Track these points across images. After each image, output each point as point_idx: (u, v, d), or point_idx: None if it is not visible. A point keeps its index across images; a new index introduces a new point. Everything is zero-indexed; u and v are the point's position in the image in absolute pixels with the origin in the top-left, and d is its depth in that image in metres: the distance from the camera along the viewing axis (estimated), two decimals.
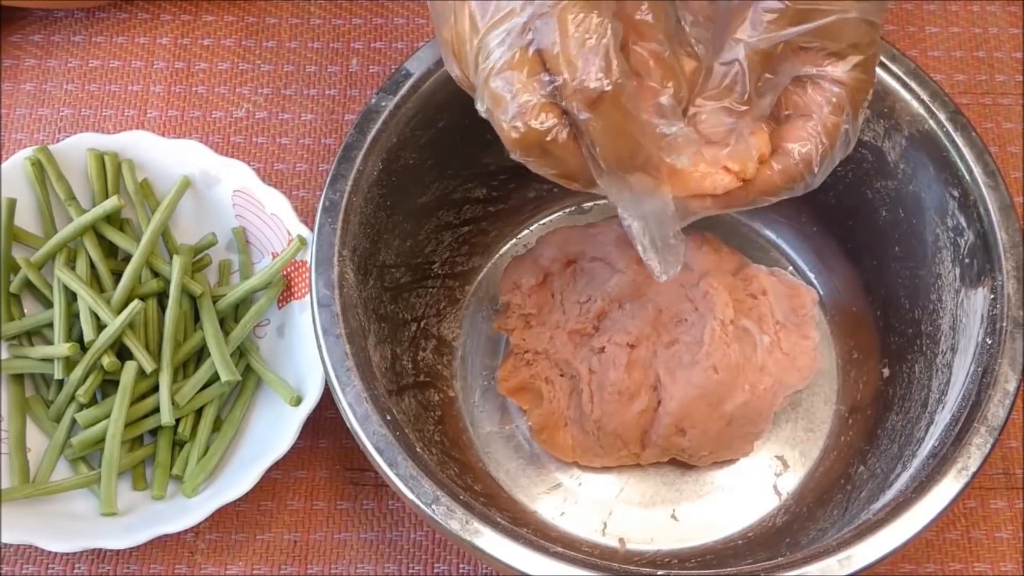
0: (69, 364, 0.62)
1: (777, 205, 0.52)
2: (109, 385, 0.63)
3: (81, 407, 0.61)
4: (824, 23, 0.48)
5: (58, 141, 0.67)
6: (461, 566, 0.62)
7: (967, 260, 0.57)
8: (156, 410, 0.62)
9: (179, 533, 0.59)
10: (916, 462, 0.54)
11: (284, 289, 0.65)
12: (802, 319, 0.62)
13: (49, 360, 0.62)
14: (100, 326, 0.62)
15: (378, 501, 0.64)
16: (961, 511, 0.64)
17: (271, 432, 0.61)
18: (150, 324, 0.63)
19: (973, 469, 0.51)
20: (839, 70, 0.50)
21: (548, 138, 0.46)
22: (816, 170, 0.51)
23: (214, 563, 0.62)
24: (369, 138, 0.58)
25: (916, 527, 0.50)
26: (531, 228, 0.70)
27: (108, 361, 0.60)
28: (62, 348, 0.61)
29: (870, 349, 0.64)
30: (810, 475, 0.63)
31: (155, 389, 0.62)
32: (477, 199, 0.66)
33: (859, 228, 0.64)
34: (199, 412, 0.63)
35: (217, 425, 0.63)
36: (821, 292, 0.67)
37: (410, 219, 0.62)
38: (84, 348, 0.62)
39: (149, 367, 0.61)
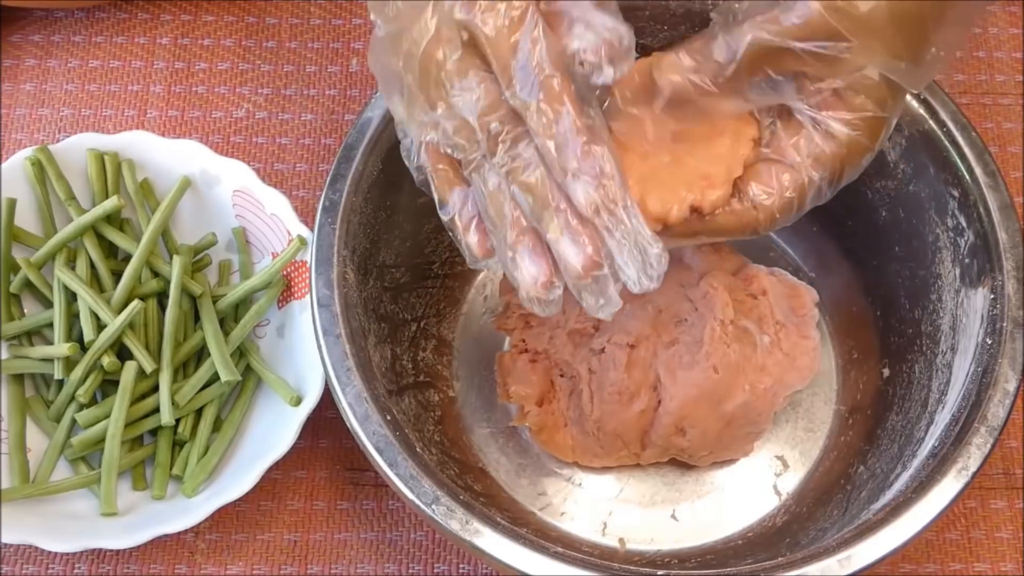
0: (69, 364, 0.62)
1: None
2: (109, 385, 0.63)
3: (81, 407, 0.61)
4: (844, 57, 0.43)
5: (58, 141, 0.67)
6: (461, 566, 0.62)
7: (967, 260, 0.57)
8: (156, 410, 0.62)
9: (179, 533, 0.59)
10: (916, 462, 0.54)
11: (284, 289, 0.65)
12: (802, 319, 0.62)
13: (49, 360, 0.62)
14: (100, 326, 0.62)
15: (378, 501, 0.64)
16: (961, 511, 0.64)
17: (271, 432, 0.61)
18: (150, 324, 0.63)
19: (973, 469, 0.51)
20: (839, 123, 0.46)
21: None
22: (773, 225, 0.47)
23: (214, 563, 0.62)
24: (369, 138, 0.58)
25: (916, 527, 0.50)
26: None
27: (108, 361, 0.60)
28: (62, 348, 0.61)
29: (870, 349, 0.64)
30: (810, 475, 0.63)
31: (155, 389, 0.62)
32: None
33: (859, 228, 0.64)
34: (199, 412, 0.63)
35: (217, 425, 0.63)
36: (821, 292, 0.67)
37: (410, 219, 0.62)
38: (84, 348, 0.62)
39: (149, 367, 0.61)
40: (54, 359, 0.62)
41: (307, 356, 0.62)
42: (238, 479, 0.59)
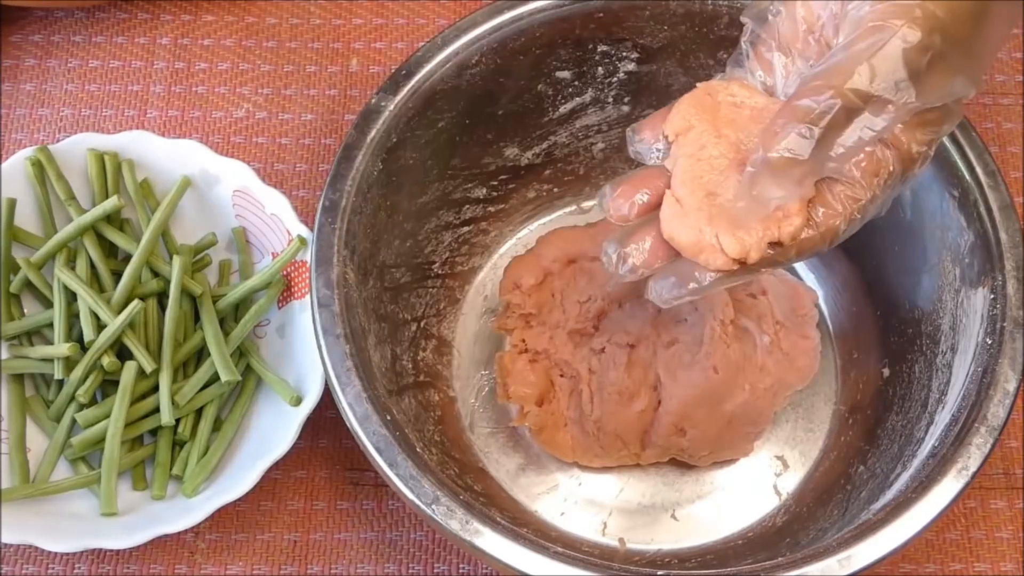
0: (69, 364, 0.62)
1: None
2: (109, 385, 0.63)
3: (81, 407, 0.61)
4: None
5: (58, 141, 0.67)
6: (461, 566, 0.62)
7: (967, 260, 0.57)
8: (156, 410, 0.62)
9: (179, 533, 0.59)
10: (916, 462, 0.54)
11: (284, 289, 0.65)
12: (802, 319, 0.62)
13: (49, 360, 0.62)
14: (100, 326, 0.61)
15: (378, 501, 0.64)
16: (961, 511, 0.64)
17: (271, 432, 0.61)
18: (150, 324, 0.63)
19: (973, 469, 0.51)
20: (915, 143, 0.44)
21: None
22: (836, 243, 0.46)
23: (214, 563, 0.62)
24: (369, 138, 0.58)
25: (916, 527, 0.50)
26: (531, 228, 0.70)
27: (108, 361, 0.60)
28: (62, 348, 0.61)
29: (870, 349, 0.64)
30: (810, 475, 0.63)
31: (155, 389, 0.62)
32: (477, 199, 0.66)
33: (859, 228, 0.63)
34: (199, 412, 0.63)
35: (217, 425, 0.63)
36: (821, 292, 0.67)
37: (410, 219, 0.62)
38: (84, 348, 0.62)
39: (149, 367, 0.61)
40: (54, 359, 0.62)
41: (307, 356, 0.62)
42: (238, 479, 0.59)
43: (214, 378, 0.62)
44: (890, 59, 0.41)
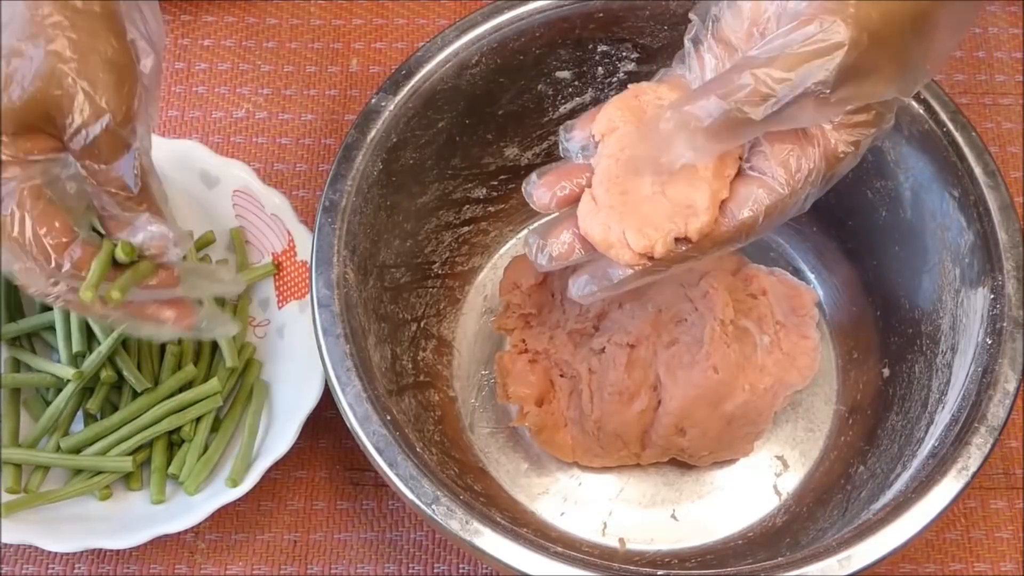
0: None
1: None
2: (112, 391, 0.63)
3: (80, 409, 0.61)
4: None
5: None
6: (461, 566, 0.62)
7: (967, 260, 0.57)
8: (155, 422, 0.62)
9: (179, 533, 0.59)
10: (916, 462, 0.54)
11: (284, 290, 0.65)
12: (802, 319, 0.62)
13: (46, 374, 0.62)
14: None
15: (378, 501, 0.64)
16: (961, 511, 0.64)
17: (271, 432, 0.61)
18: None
19: (973, 469, 0.51)
20: (842, 142, 0.46)
21: None
22: (752, 238, 0.47)
23: (214, 563, 0.62)
24: (369, 138, 0.58)
25: (916, 527, 0.50)
26: (531, 228, 0.70)
27: (105, 375, 0.60)
28: (67, 371, 0.61)
29: (870, 349, 0.64)
30: (810, 475, 0.63)
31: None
32: (477, 199, 0.66)
33: (859, 228, 0.64)
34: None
35: (216, 425, 0.63)
36: (821, 292, 0.67)
37: (410, 219, 0.62)
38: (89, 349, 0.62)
39: (140, 387, 0.61)
40: (62, 377, 0.61)
41: (307, 356, 0.62)
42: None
43: (205, 393, 0.62)
44: (815, 52, 0.42)
